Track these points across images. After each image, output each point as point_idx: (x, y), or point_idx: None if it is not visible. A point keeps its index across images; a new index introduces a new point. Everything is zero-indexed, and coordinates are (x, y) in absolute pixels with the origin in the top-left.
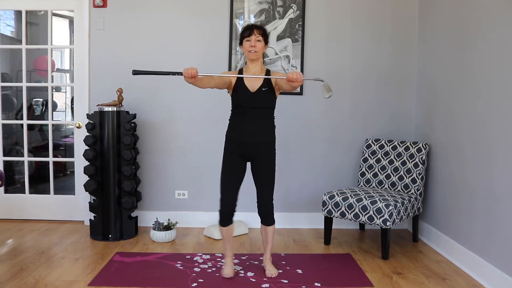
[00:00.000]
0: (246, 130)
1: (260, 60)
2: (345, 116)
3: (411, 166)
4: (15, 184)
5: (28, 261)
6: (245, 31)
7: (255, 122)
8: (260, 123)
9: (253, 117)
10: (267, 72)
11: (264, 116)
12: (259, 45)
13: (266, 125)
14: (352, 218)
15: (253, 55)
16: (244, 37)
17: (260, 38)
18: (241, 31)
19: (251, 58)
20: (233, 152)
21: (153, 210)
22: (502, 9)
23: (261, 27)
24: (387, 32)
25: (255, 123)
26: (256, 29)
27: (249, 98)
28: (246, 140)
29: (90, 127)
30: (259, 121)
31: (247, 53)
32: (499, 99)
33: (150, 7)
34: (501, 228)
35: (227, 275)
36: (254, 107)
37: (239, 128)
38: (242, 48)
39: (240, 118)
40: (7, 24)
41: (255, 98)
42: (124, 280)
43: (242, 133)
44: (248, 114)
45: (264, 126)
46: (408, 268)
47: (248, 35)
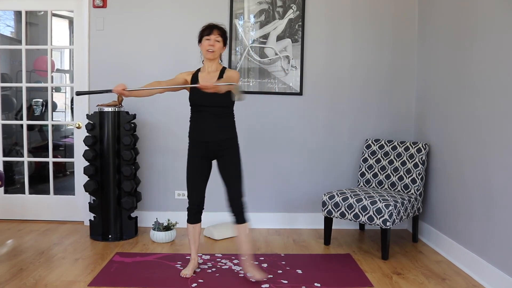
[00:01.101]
0: (205, 129)
1: (217, 60)
2: (345, 116)
3: (411, 167)
4: (15, 185)
5: (28, 261)
6: (205, 29)
7: (212, 121)
8: (218, 122)
9: (210, 116)
10: (222, 70)
11: (222, 115)
12: (218, 45)
13: (224, 123)
14: (352, 218)
15: (210, 55)
16: (203, 36)
17: (220, 39)
18: (201, 30)
19: (208, 58)
20: (194, 151)
21: (153, 210)
22: (501, 11)
23: (221, 27)
24: (387, 33)
25: (212, 122)
26: (216, 29)
27: (204, 97)
28: (206, 139)
29: (90, 128)
30: (216, 119)
31: (205, 52)
32: (498, 99)
33: (149, 7)
34: (500, 228)
35: (184, 274)
36: (210, 105)
37: (198, 127)
38: (201, 46)
39: (198, 118)
40: (7, 25)
41: (210, 97)
42: (124, 280)
43: (201, 133)
44: (205, 113)
45: (222, 124)
46: (408, 268)
47: (207, 34)
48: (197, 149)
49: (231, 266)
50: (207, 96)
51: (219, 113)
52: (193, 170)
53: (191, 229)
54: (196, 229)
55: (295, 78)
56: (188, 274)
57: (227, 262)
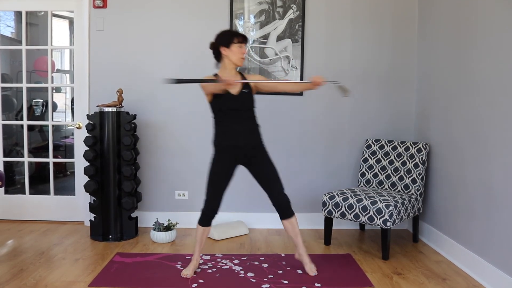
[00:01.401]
0: (240, 133)
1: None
2: (345, 116)
3: (411, 167)
4: (15, 185)
5: (28, 261)
6: (237, 36)
7: (245, 124)
8: (250, 125)
9: (243, 120)
10: (242, 75)
11: (251, 118)
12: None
13: (254, 126)
14: (352, 218)
15: (242, 62)
16: (233, 42)
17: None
18: (229, 35)
19: (240, 64)
20: (225, 158)
21: (153, 210)
22: (501, 9)
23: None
24: (387, 32)
25: (245, 125)
26: (246, 38)
27: (233, 101)
28: (241, 143)
29: (90, 128)
30: (248, 122)
31: (238, 59)
32: (499, 99)
33: (150, 7)
34: (501, 228)
35: (185, 275)
36: (240, 109)
37: (231, 132)
38: (228, 50)
39: (229, 123)
40: (7, 25)
41: (239, 100)
42: (124, 280)
43: (235, 137)
44: (237, 117)
45: (253, 127)
46: (408, 269)
47: (241, 41)
48: (228, 155)
49: (231, 266)
50: (239, 100)
51: (250, 116)
52: (220, 176)
53: (201, 231)
54: (206, 231)
55: (295, 78)
56: (189, 275)
57: (228, 262)
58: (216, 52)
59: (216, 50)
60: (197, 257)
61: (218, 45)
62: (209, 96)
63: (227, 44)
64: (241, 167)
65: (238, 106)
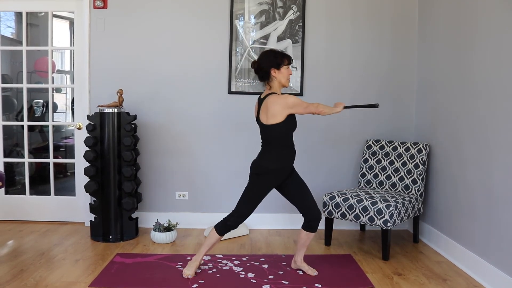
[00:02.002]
0: (293, 156)
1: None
2: (345, 116)
3: (411, 167)
4: (15, 185)
5: (29, 262)
6: (286, 58)
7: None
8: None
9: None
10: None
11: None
12: None
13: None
14: (352, 219)
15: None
16: (284, 64)
17: None
18: (280, 56)
19: (287, 86)
20: (276, 180)
21: (153, 211)
22: (501, 10)
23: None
24: (387, 33)
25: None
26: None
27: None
28: (291, 165)
29: (90, 128)
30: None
31: (286, 80)
32: (499, 99)
33: (150, 8)
34: (501, 229)
35: (187, 275)
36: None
37: (290, 155)
38: (278, 72)
39: (289, 145)
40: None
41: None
42: (125, 281)
43: (292, 160)
44: (292, 140)
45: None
46: (409, 269)
47: (289, 63)
48: (280, 177)
49: (231, 267)
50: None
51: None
52: (262, 197)
53: (215, 239)
54: (219, 240)
55: (295, 78)
56: (191, 275)
57: (228, 263)
58: (263, 72)
59: (264, 70)
60: (200, 259)
61: (268, 67)
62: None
63: (277, 66)
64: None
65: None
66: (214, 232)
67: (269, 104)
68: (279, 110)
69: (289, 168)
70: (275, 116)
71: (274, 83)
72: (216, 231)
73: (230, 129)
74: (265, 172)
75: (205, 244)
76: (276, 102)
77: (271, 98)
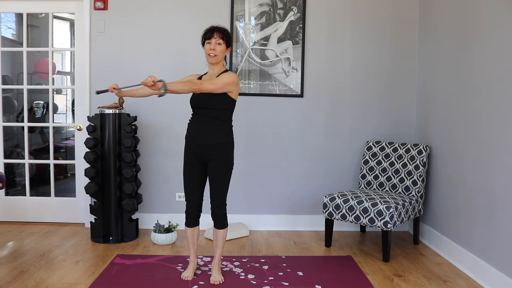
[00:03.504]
0: (199, 131)
1: (220, 63)
2: (345, 118)
3: (411, 168)
4: (16, 187)
5: (29, 263)
6: (206, 33)
7: (207, 123)
8: (213, 124)
9: (206, 118)
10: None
11: (217, 117)
12: (219, 48)
13: (219, 126)
14: (353, 220)
15: (213, 59)
16: (205, 39)
17: (221, 41)
18: (203, 33)
19: (211, 62)
20: (189, 153)
21: (153, 212)
22: (501, 13)
23: (223, 29)
24: (387, 35)
25: (207, 124)
26: (216, 31)
27: (200, 98)
28: (198, 141)
29: (90, 130)
30: (211, 122)
31: (207, 56)
32: (499, 101)
33: (150, 10)
34: (501, 230)
35: (185, 277)
36: (206, 107)
37: (193, 129)
38: (204, 50)
39: (194, 120)
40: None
41: (206, 98)
42: (125, 282)
43: (195, 134)
44: (201, 115)
45: (216, 127)
46: (409, 270)
47: (208, 37)
48: (190, 151)
49: (232, 268)
50: (203, 97)
51: (215, 115)
52: (188, 173)
53: (189, 233)
54: (195, 232)
55: (296, 80)
56: (189, 277)
57: (228, 264)
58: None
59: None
60: (194, 258)
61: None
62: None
63: (202, 44)
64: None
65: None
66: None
67: None
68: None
69: (194, 142)
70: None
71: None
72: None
73: None
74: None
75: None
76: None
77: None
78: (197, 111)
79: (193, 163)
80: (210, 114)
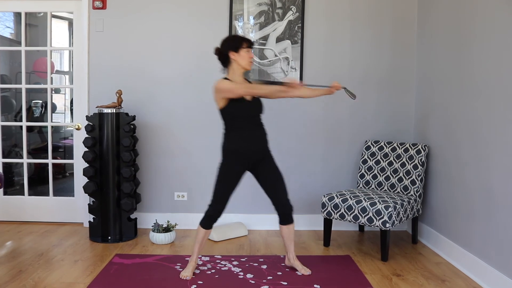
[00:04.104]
0: (255, 138)
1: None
2: (344, 117)
3: (410, 168)
4: (14, 186)
5: (27, 263)
6: (245, 41)
7: (258, 129)
8: (262, 130)
9: (256, 125)
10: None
11: (261, 123)
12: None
13: (265, 130)
14: (351, 219)
15: (251, 66)
16: (241, 47)
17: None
18: (238, 39)
19: (249, 68)
20: (238, 163)
21: (152, 212)
22: (500, 12)
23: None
24: (386, 34)
25: (259, 130)
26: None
27: (252, 106)
28: (253, 148)
29: (89, 129)
30: (260, 128)
31: (247, 63)
32: (498, 100)
33: (149, 9)
34: (500, 230)
35: (184, 276)
36: (257, 115)
37: (246, 138)
38: (236, 55)
39: (245, 128)
40: (7, 26)
41: (256, 106)
42: (123, 282)
43: (251, 143)
44: (252, 123)
45: (264, 132)
46: (408, 270)
47: (248, 46)
48: (241, 161)
49: (230, 268)
50: (254, 105)
51: (260, 121)
52: (231, 182)
53: (204, 234)
54: (207, 234)
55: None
56: (188, 276)
57: (227, 264)
58: (224, 57)
59: (224, 55)
60: (196, 258)
61: (227, 50)
62: (223, 101)
63: (235, 49)
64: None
65: (254, 111)
66: (199, 228)
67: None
68: (215, 96)
69: (250, 151)
70: (217, 102)
71: (233, 67)
72: (201, 226)
73: None
74: (225, 153)
75: (196, 242)
76: (214, 88)
77: (215, 82)
78: (250, 119)
79: (240, 171)
80: (259, 120)
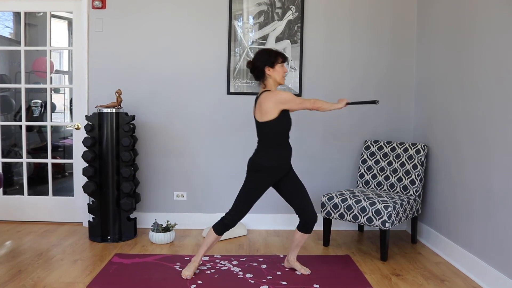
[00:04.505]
0: (288, 155)
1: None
2: (344, 117)
3: (410, 168)
4: (13, 186)
5: (27, 262)
6: (280, 56)
7: (289, 145)
8: (290, 144)
9: (288, 140)
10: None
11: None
12: None
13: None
14: (351, 219)
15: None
16: (277, 62)
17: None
18: (273, 54)
19: (283, 83)
20: (271, 178)
21: (152, 211)
22: (500, 12)
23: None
24: (386, 34)
25: (289, 145)
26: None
27: (290, 121)
28: (288, 165)
29: (89, 129)
30: (289, 142)
31: (281, 78)
32: (497, 100)
33: (149, 9)
34: (500, 230)
35: (186, 275)
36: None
37: (285, 154)
38: (272, 70)
39: (284, 144)
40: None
41: (291, 120)
42: (123, 282)
43: (287, 159)
44: (287, 139)
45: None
46: (407, 270)
47: (283, 61)
48: (276, 177)
49: (230, 268)
50: (291, 120)
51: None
52: (258, 196)
53: (214, 238)
54: (217, 239)
55: (294, 79)
56: (189, 275)
57: (226, 263)
58: (258, 71)
59: (259, 70)
60: (200, 259)
61: (263, 66)
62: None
63: (271, 64)
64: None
65: (290, 126)
66: (212, 231)
67: (262, 101)
68: (271, 107)
69: (285, 167)
70: (268, 113)
71: (269, 82)
72: (214, 231)
73: (229, 129)
74: (260, 169)
75: (204, 244)
76: (269, 98)
77: (264, 95)
78: (287, 134)
79: (271, 184)
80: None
